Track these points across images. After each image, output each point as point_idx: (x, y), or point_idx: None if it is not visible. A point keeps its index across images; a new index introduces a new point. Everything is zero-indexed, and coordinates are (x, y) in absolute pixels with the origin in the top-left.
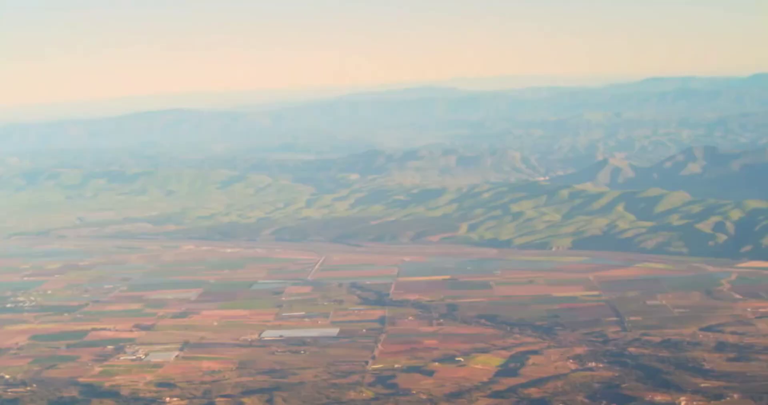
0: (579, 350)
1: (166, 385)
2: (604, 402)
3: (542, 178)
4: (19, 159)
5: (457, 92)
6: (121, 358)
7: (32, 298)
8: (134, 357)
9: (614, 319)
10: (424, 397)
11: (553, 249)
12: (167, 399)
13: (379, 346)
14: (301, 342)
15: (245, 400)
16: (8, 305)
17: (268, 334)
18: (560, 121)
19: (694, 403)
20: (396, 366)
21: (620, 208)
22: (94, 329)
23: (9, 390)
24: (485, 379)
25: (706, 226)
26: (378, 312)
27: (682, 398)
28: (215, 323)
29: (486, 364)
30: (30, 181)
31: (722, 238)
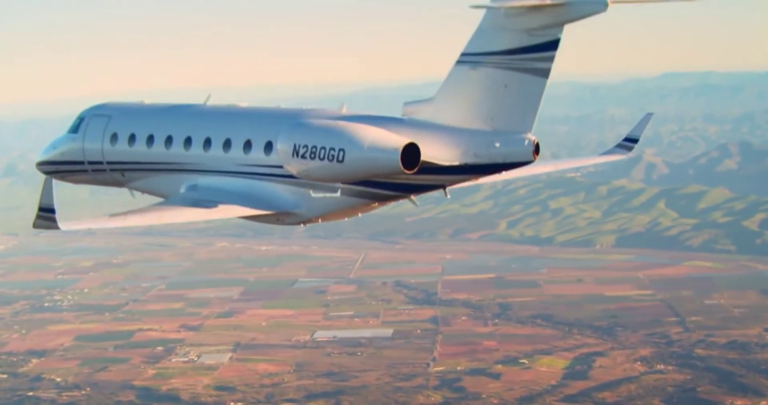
0: (644, 352)
1: (226, 388)
2: None
3: (574, 175)
4: None
5: None
6: (173, 360)
7: (69, 297)
8: (186, 359)
9: (674, 319)
10: (495, 401)
11: (597, 247)
12: (230, 404)
13: (438, 347)
14: (356, 343)
15: (311, 404)
16: (46, 304)
17: (321, 335)
18: (584, 117)
19: None
20: (459, 368)
21: (661, 204)
22: (140, 330)
23: (63, 394)
24: (554, 382)
25: (752, 224)
26: (428, 311)
27: (763, 403)
28: (263, 323)
29: (551, 366)
30: None
31: None
